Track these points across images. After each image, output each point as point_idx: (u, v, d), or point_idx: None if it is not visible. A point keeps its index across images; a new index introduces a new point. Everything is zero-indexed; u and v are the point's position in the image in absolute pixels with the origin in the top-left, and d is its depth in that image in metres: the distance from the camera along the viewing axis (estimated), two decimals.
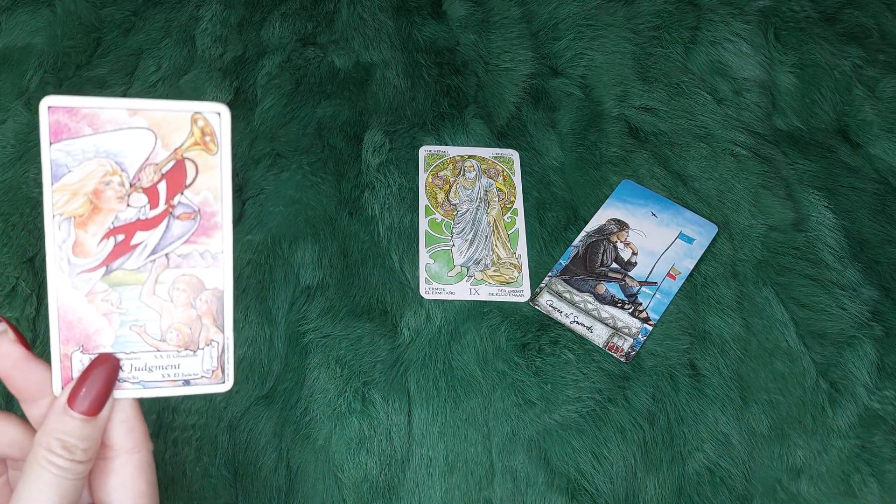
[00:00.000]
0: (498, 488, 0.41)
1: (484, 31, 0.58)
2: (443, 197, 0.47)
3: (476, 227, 0.46)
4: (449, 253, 0.46)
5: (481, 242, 0.46)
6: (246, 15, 0.59)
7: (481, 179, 0.48)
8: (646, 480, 0.41)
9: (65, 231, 0.26)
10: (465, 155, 0.49)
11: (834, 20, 0.58)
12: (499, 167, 0.49)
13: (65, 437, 0.23)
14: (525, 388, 0.43)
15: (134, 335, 0.26)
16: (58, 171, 0.25)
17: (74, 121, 0.25)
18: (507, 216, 0.47)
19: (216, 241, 0.27)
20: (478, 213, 0.47)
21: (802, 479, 0.41)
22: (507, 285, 0.45)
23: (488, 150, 0.50)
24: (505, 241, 0.46)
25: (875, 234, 0.49)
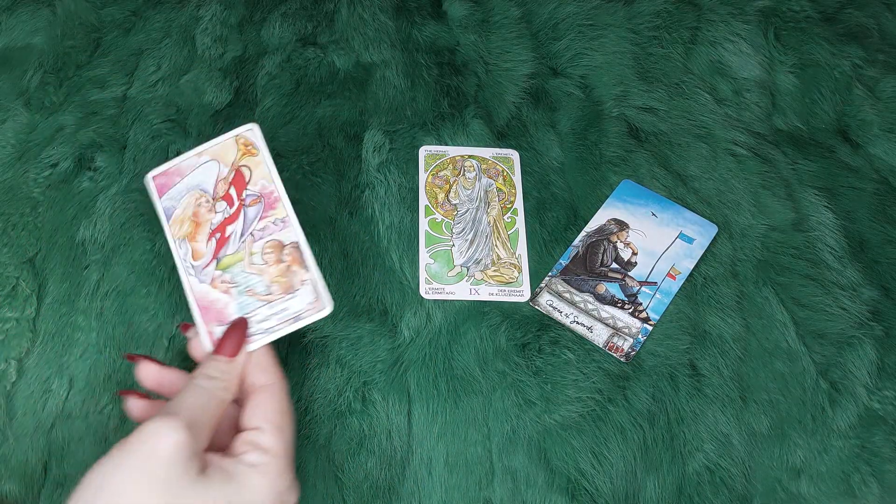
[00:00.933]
0: (498, 488, 0.41)
1: (484, 31, 0.58)
2: (443, 197, 0.47)
3: (476, 227, 0.46)
4: (449, 253, 0.46)
5: (481, 242, 0.45)
6: (246, 15, 0.59)
7: (481, 179, 0.48)
8: (646, 480, 0.41)
9: (183, 248, 0.37)
10: (465, 155, 0.49)
11: (834, 20, 0.58)
12: (499, 167, 0.48)
13: (210, 371, 0.33)
14: (525, 388, 0.43)
15: (249, 298, 0.36)
16: (168, 212, 0.37)
17: (169, 177, 0.38)
18: (507, 216, 0.47)
19: (280, 210, 0.37)
20: (478, 213, 0.46)
21: (802, 479, 0.41)
22: (507, 285, 0.45)
23: (488, 150, 0.50)
24: (505, 242, 0.46)
25: (875, 234, 0.49)
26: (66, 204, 0.49)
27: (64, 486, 0.41)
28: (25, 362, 0.44)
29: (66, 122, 0.53)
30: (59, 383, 0.43)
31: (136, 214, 0.49)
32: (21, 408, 0.43)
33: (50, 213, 0.49)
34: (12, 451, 0.42)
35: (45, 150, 0.51)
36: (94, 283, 0.46)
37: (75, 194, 0.50)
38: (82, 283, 0.46)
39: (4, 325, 0.45)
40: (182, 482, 0.28)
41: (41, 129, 0.53)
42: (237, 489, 0.29)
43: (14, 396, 0.43)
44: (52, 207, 0.49)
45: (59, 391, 0.43)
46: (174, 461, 0.28)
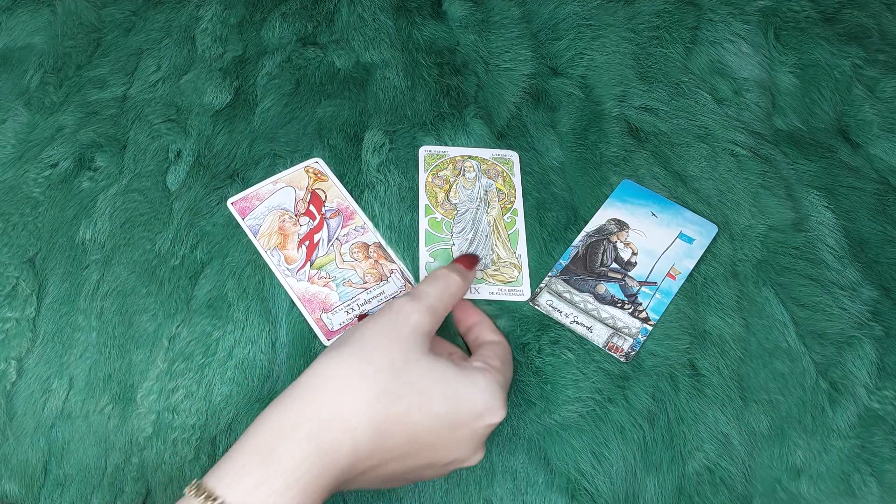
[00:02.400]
0: (498, 488, 0.41)
1: (484, 31, 0.58)
2: (443, 196, 0.47)
3: (476, 226, 0.46)
4: (449, 252, 0.46)
5: (481, 242, 0.45)
6: (246, 15, 0.59)
7: (481, 180, 0.48)
8: (646, 480, 0.41)
9: (276, 256, 0.46)
10: (465, 156, 0.49)
11: (834, 20, 0.58)
12: (499, 168, 0.48)
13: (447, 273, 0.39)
14: (525, 388, 0.43)
15: (348, 288, 0.45)
16: (254, 229, 0.47)
17: (248, 202, 0.48)
18: (506, 216, 0.47)
19: (357, 220, 0.47)
20: (478, 213, 0.46)
21: (802, 479, 0.41)
22: (507, 285, 0.45)
23: (488, 150, 0.50)
24: (505, 241, 0.46)
25: (875, 234, 0.49)
26: (66, 204, 0.49)
27: (64, 487, 0.41)
28: (25, 362, 0.44)
29: (67, 121, 0.53)
30: (59, 383, 0.43)
31: (137, 214, 0.49)
32: (21, 408, 0.43)
33: (50, 213, 0.49)
34: (12, 450, 0.42)
35: (46, 149, 0.51)
36: (95, 283, 0.46)
37: (75, 194, 0.50)
38: (82, 283, 0.46)
39: (4, 325, 0.45)
40: (417, 349, 0.33)
41: (41, 129, 0.53)
42: (462, 375, 0.34)
43: (14, 396, 0.43)
44: (53, 207, 0.49)
45: (59, 391, 0.43)
46: (414, 331, 0.34)
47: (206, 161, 0.51)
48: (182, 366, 0.44)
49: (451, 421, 0.33)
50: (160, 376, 0.43)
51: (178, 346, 0.44)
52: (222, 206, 0.49)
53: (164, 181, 0.50)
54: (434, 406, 0.32)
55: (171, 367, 0.43)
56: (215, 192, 0.50)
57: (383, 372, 0.32)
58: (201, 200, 0.49)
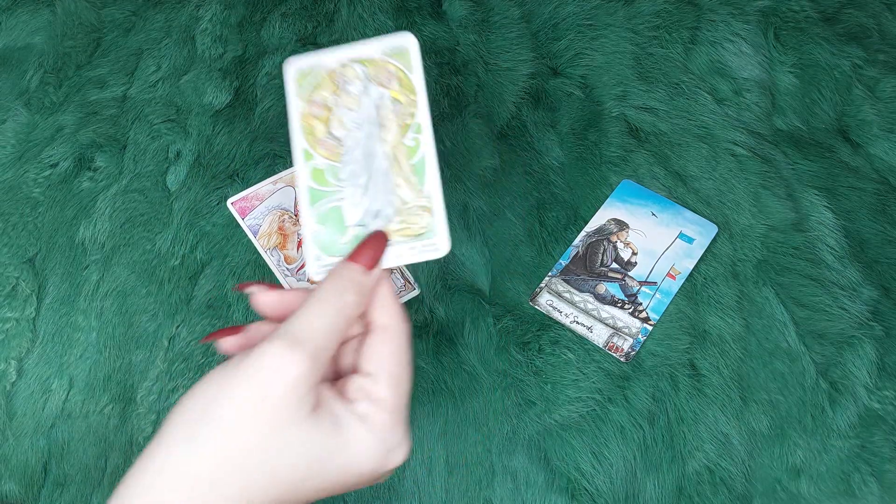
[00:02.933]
0: (498, 488, 0.41)
1: (484, 31, 0.58)
2: (323, 131, 0.33)
3: (369, 164, 0.32)
4: (339, 210, 0.32)
5: (378, 185, 0.32)
6: (246, 15, 0.59)
7: (370, 92, 0.33)
8: (646, 480, 0.41)
9: (276, 256, 0.45)
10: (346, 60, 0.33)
11: (834, 20, 0.58)
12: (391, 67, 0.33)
13: (342, 279, 0.29)
14: (525, 388, 0.43)
15: None
16: (254, 229, 0.46)
17: (248, 202, 0.48)
18: (407, 138, 0.32)
19: None
20: (369, 142, 0.32)
21: (802, 479, 0.41)
22: (416, 238, 0.32)
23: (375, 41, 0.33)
24: (408, 176, 0.32)
25: (875, 234, 0.49)
26: (66, 204, 0.49)
27: (64, 486, 0.41)
28: (25, 362, 0.44)
29: (66, 122, 0.53)
30: (59, 383, 0.43)
31: (136, 215, 0.49)
32: (21, 408, 0.43)
33: (50, 213, 0.49)
34: (12, 450, 0.42)
35: (46, 150, 0.51)
36: (94, 283, 0.46)
37: (75, 194, 0.50)
38: (82, 283, 0.46)
39: (4, 325, 0.45)
40: (290, 422, 0.25)
41: (41, 129, 0.52)
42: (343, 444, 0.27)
43: (14, 396, 0.43)
44: (53, 207, 0.49)
45: (58, 391, 0.43)
46: (289, 399, 0.25)
47: (206, 161, 0.51)
48: (182, 366, 0.43)
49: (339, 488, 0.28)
50: (160, 376, 0.43)
51: (178, 347, 0.44)
52: (222, 206, 0.49)
53: (163, 181, 0.50)
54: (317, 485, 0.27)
55: (171, 367, 0.43)
56: (215, 192, 0.50)
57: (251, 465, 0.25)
58: (201, 200, 0.49)
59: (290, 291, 0.30)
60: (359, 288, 0.29)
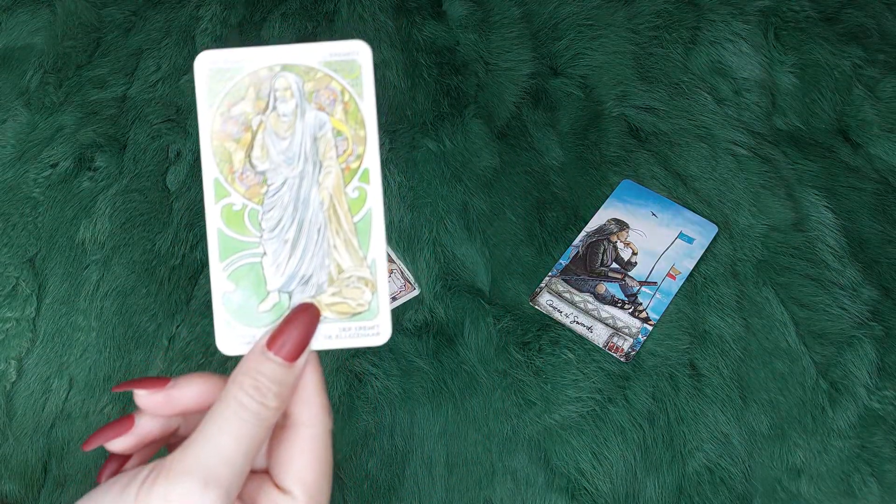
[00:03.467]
0: (498, 488, 0.41)
1: (484, 31, 0.58)
2: (241, 159, 0.25)
3: (300, 213, 0.25)
4: (259, 268, 0.25)
5: (310, 243, 0.25)
6: (246, 15, 0.59)
7: (305, 114, 0.25)
8: (646, 480, 0.41)
9: None
10: (276, 65, 0.25)
11: (834, 20, 0.58)
12: (335, 85, 0.25)
13: (259, 377, 0.23)
14: (525, 388, 0.43)
15: None
16: None
17: None
18: (351, 186, 0.25)
19: None
20: (302, 184, 0.25)
21: (802, 479, 0.41)
22: (353, 319, 0.25)
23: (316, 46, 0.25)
24: (348, 237, 0.25)
25: (875, 233, 0.49)
26: (66, 204, 0.49)
27: (64, 486, 0.41)
28: (25, 362, 0.44)
29: (66, 121, 0.53)
30: (59, 383, 0.43)
31: (136, 214, 0.49)
32: (21, 408, 0.43)
33: (50, 213, 0.49)
34: (12, 450, 0.42)
35: (45, 149, 0.51)
36: (94, 283, 0.46)
37: (75, 194, 0.50)
38: (82, 283, 0.46)
39: (4, 325, 0.45)
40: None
41: (41, 129, 0.52)
42: None
43: (14, 396, 0.43)
44: (52, 207, 0.49)
45: (58, 391, 0.43)
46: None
47: None
48: (182, 366, 0.43)
49: None
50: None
51: (178, 346, 0.44)
52: None
53: (163, 181, 0.50)
54: None
55: (171, 367, 0.43)
56: None
57: None
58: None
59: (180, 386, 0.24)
60: (280, 388, 0.23)
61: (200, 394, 0.24)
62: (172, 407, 0.24)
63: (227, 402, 0.22)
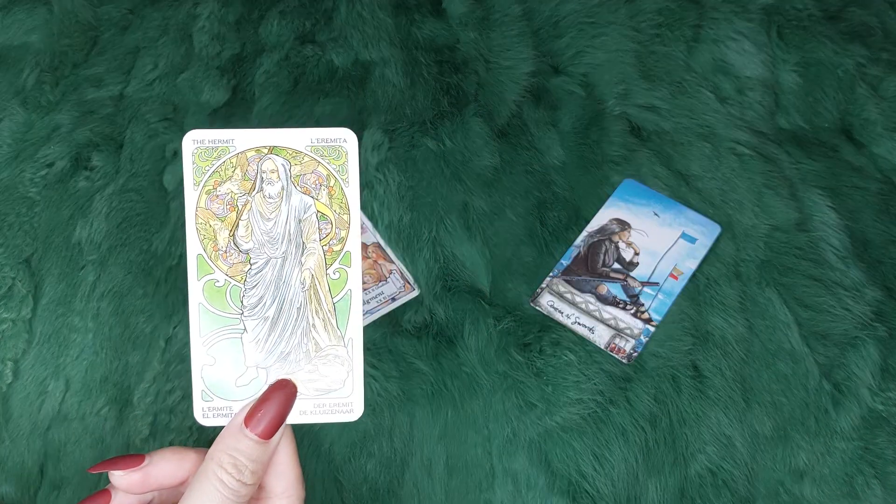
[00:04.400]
0: (498, 490, 0.40)
1: (484, 29, 0.57)
2: (226, 238, 0.26)
3: (282, 294, 0.26)
4: (239, 344, 0.26)
5: (290, 322, 0.26)
6: (244, 13, 0.58)
7: (290, 198, 0.26)
8: (647, 483, 0.41)
9: None
10: (263, 146, 0.26)
11: (837, 19, 0.58)
12: (322, 170, 0.26)
13: (237, 455, 0.24)
14: (526, 390, 0.43)
15: None
16: None
17: None
18: (332, 269, 0.26)
19: None
20: (285, 265, 0.26)
21: (805, 482, 0.41)
22: (327, 394, 0.26)
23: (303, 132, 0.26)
24: (327, 317, 0.26)
25: (879, 234, 0.49)
26: (62, 204, 0.49)
27: (60, 489, 0.41)
28: (21, 363, 0.43)
29: (63, 121, 0.52)
30: (56, 385, 0.43)
31: (133, 214, 0.48)
32: (17, 409, 0.42)
33: (46, 213, 0.49)
34: (8, 453, 0.41)
35: (42, 149, 0.51)
36: (91, 283, 0.46)
37: (71, 194, 0.49)
38: (78, 283, 0.46)
39: (1, 326, 0.44)
40: None
41: (37, 129, 0.52)
42: None
43: (10, 398, 0.43)
44: (49, 207, 0.49)
45: (55, 393, 0.43)
46: None
47: None
48: (179, 367, 0.43)
49: None
50: (157, 378, 0.43)
51: (175, 348, 0.44)
52: None
53: (160, 181, 0.50)
54: None
55: (168, 368, 0.43)
56: None
57: None
58: None
59: (155, 463, 0.25)
60: (256, 465, 0.24)
61: (175, 470, 0.25)
62: (149, 485, 0.25)
63: (207, 478, 0.23)
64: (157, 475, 0.25)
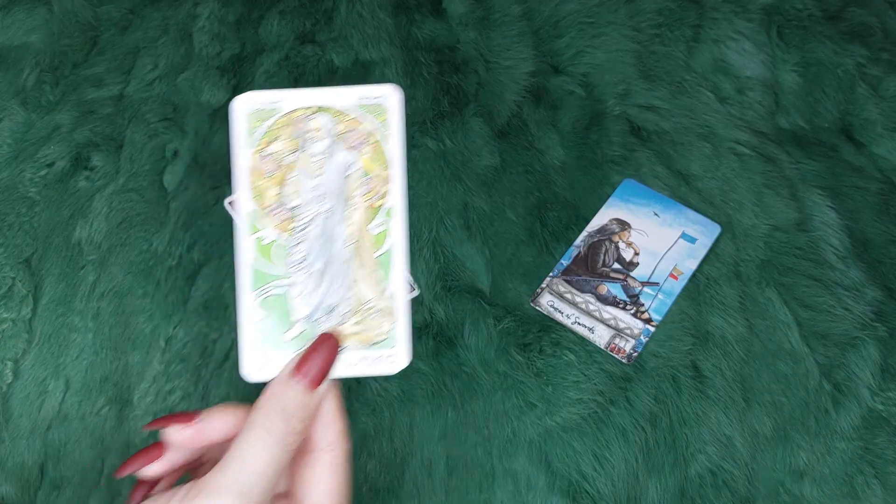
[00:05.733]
0: (498, 491, 0.40)
1: (484, 29, 0.57)
2: (275, 195, 0.27)
3: (327, 248, 0.27)
4: (286, 299, 0.27)
5: (335, 275, 0.27)
6: (244, 12, 0.58)
7: (335, 154, 0.27)
8: (648, 483, 0.41)
9: None
10: (311, 106, 0.27)
11: (837, 18, 0.58)
12: (364, 127, 0.27)
13: (285, 404, 0.24)
14: (526, 390, 0.43)
15: None
16: None
17: None
18: (374, 223, 0.27)
19: None
20: (330, 220, 0.27)
21: (805, 482, 0.41)
22: (372, 347, 0.27)
23: (349, 90, 0.27)
24: (372, 270, 0.27)
25: (879, 233, 0.48)
26: (62, 204, 0.49)
27: (60, 489, 0.41)
28: (21, 363, 0.43)
29: (63, 121, 0.52)
30: (56, 385, 0.43)
31: (133, 214, 0.48)
32: (17, 409, 0.42)
33: (46, 213, 0.48)
34: (8, 453, 0.41)
35: (42, 149, 0.51)
36: (91, 283, 0.46)
37: (71, 194, 0.49)
38: (79, 283, 0.46)
39: (1, 326, 0.44)
40: None
41: (37, 128, 0.52)
42: None
43: (10, 398, 0.43)
44: (49, 207, 0.49)
45: (55, 393, 0.43)
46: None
47: (204, 160, 0.51)
48: (179, 367, 0.43)
49: None
50: (157, 378, 0.43)
51: (175, 348, 0.44)
52: (219, 205, 0.48)
53: (160, 181, 0.50)
54: None
55: (168, 368, 0.43)
56: (212, 191, 0.49)
57: None
58: (198, 200, 0.49)
59: (208, 420, 0.26)
60: (304, 413, 0.25)
61: (226, 426, 0.26)
62: (201, 440, 0.26)
63: (255, 427, 0.24)
64: (209, 431, 0.26)
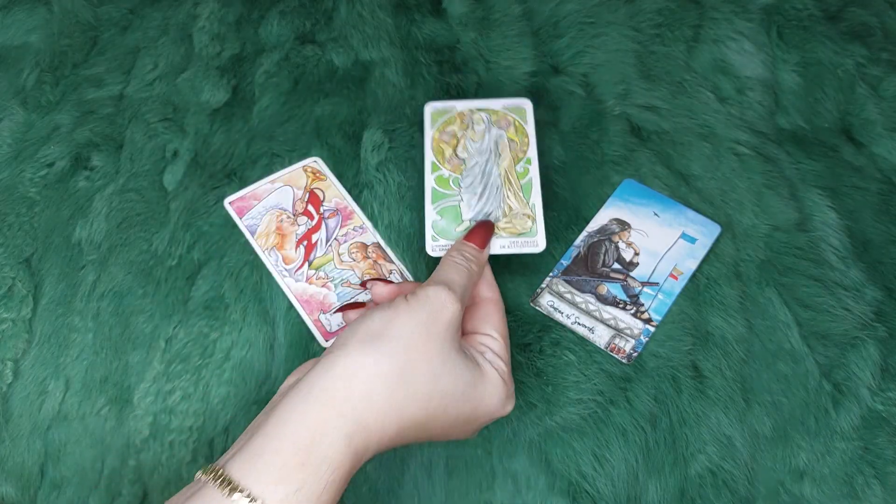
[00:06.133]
0: (498, 491, 0.40)
1: (484, 29, 0.57)
2: (450, 152, 0.44)
3: (486, 179, 0.43)
4: (457, 208, 0.43)
5: (492, 194, 0.43)
6: (244, 13, 0.58)
7: (491, 131, 0.45)
8: (647, 483, 0.41)
9: (273, 256, 0.45)
10: (474, 108, 0.46)
11: (837, 18, 0.58)
12: (510, 118, 0.45)
13: (464, 250, 0.38)
14: (526, 390, 0.43)
15: (346, 289, 0.45)
16: (251, 229, 0.46)
17: (246, 202, 0.48)
18: (519, 166, 0.44)
19: (356, 220, 0.47)
20: (487, 165, 0.44)
21: (805, 482, 0.41)
22: (520, 236, 0.42)
23: (499, 101, 0.47)
24: (517, 191, 0.43)
25: (879, 234, 0.48)
26: (62, 204, 0.49)
27: (60, 489, 0.41)
28: (22, 363, 0.43)
29: (63, 121, 0.52)
30: (56, 385, 0.43)
31: (133, 214, 0.48)
32: (17, 409, 0.42)
33: (46, 213, 0.48)
34: (8, 453, 0.41)
35: (42, 149, 0.51)
36: (91, 283, 0.46)
37: (71, 194, 0.49)
38: (79, 283, 0.46)
39: (1, 326, 0.44)
40: (452, 349, 0.33)
41: (37, 128, 0.52)
42: (481, 379, 0.34)
43: (10, 398, 0.43)
44: (49, 207, 0.49)
45: (55, 393, 0.43)
46: (450, 330, 0.33)
47: (204, 160, 0.51)
48: (179, 367, 0.43)
49: (468, 418, 0.34)
50: (157, 378, 0.43)
51: (175, 348, 0.44)
52: (219, 205, 0.48)
53: (160, 181, 0.50)
54: (459, 409, 0.33)
55: (168, 368, 0.43)
56: (212, 191, 0.49)
57: (422, 378, 0.31)
58: (198, 200, 0.49)
59: (403, 284, 0.39)
60: (477, 261, 0.38)
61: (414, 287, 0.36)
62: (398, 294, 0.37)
63: (448, 259, 0.37)
64: (405, 288, 0.38)
